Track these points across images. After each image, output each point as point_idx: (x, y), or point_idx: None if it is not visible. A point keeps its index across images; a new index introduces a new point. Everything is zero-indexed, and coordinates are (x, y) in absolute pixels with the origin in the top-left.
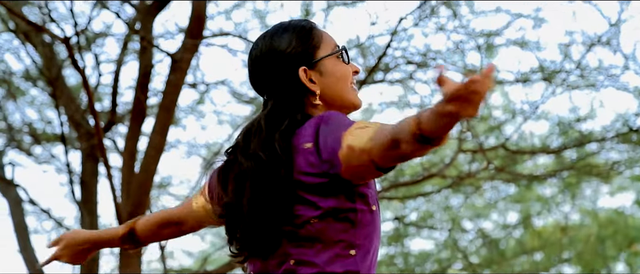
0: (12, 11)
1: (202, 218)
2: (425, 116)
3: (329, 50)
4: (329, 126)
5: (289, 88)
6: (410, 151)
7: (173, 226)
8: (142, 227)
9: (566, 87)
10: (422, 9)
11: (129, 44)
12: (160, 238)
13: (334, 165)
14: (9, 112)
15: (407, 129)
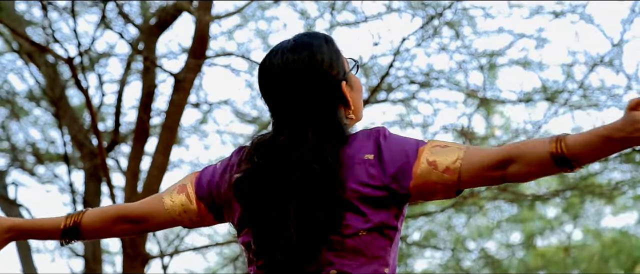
0: (15, 32)
1: (174, 218)
2: (577, 140)
3: (347, 63)
4: (393, 141)
5: (331, 100)
6: (525, 172)
7: (130, 224)
8: (91, 220)
9: (569, 107)
10: (425, 29)
11: (132, 64)
12: (109, 234)
13: (401, 179)
14: (13, 132)
15: (541, 149)
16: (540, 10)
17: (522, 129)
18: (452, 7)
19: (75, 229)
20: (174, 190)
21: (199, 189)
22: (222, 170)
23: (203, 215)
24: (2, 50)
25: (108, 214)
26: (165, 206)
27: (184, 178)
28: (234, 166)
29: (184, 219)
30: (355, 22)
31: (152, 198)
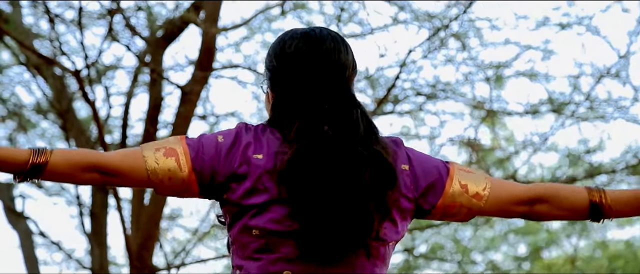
0: (23, 44)
1: (152, 181)
2: (620, 198)
3: None
4: (420, 155)
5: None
6: (554, 214)
7: (101, 174)
8: (58, 162)
9: (575, 119)
10: (431, 41)
11: (139, 76)
12: (74, 180)
13: (429, 195)
14: (20, 144)
15: (580, 197)
16: (547, 22)
17: (529, 141)
18: (459, 19)
19: (38, 168)
20: (158, 151)
21: (196, 161)
22: (228, 147)
23: (189, 186)
24: (10, 63)
25: (79, 160)
26: (148, 166)
27: (167, 141)
28: (251, 146)
29: (164, 185)
30: (362, 34)
31: (131, 153)
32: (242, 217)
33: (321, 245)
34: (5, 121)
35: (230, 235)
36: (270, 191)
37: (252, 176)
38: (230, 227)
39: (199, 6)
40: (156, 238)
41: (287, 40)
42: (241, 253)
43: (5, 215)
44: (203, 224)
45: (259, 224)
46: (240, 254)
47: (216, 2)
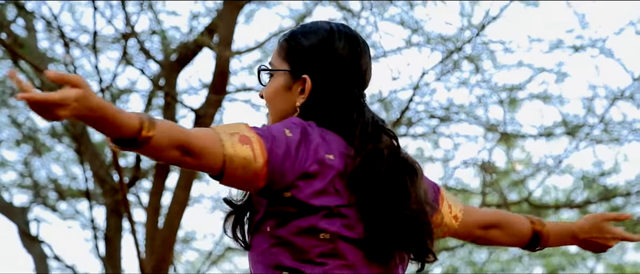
0: (38, 69)
1: (223, 168)
2: (555, 230)
3: None
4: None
5: None
6: (502, 240)
7: (181, 153)
8: (161, 138)
9: (590, 141)
10: (445, 63)
11: (154, 100)
12: (159, 157)
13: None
14: (35, 168)
15: (526, 226)
16: (560, 45)
17: (543, 164)
18: (472, 42)
19: (147, 139)
20: (233, 136)
21: (272, 153)
22: (297, 143)
23: (257, 180)
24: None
25: (174, 137)
26: (226, 152)
27: (237, 126)
28: (322, 145)
29: (235, 175)
30: (375, 57)
31: (209, 134)
32: (305, 217)
33: (389, 251)
34: (21, 145)
35: (272, 234)
36: (342, 195)
37: (324, 176)
38: (278, 226)
39: (213, 30)
40: (170, 261)
41: (339, 38)
42: (294, 255)
43: (20, 239)
44: (217, 247)
45: (330, 228)
46: (293, 256)
47: (230, 25)
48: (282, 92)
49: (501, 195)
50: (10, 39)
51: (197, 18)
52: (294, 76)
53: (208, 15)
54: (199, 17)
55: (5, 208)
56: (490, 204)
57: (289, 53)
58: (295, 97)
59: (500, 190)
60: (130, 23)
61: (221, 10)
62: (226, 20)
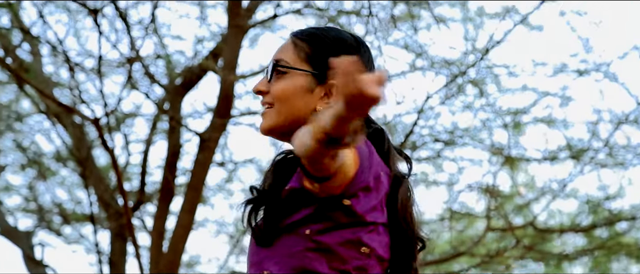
0: (43, 93)
1: (338, 169)
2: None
3: None
4: None
5: None
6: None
7: (334, 157)
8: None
9: (594, 165)
10: (449, 87)
11: (158, 124)
12: (325, 161)
13: None
14: (39, 192)
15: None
16: (564, 69)
17: (548, 188)
18: (476, 66)
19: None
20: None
21: (360, 164)
22: (368, 155)
23: (342, 186)
24: (30, 111)
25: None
26: (342, 154)
27: None
28: (379, 162)
29: (338, 178)
30: None
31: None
32: (354, 229)
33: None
34: (25, 169)
35: (312, 238)
36: (384, 214)
37: (378, 193)
38: (322, 232)
39: (218, 54)
40: None
41: (364, 50)
42: (332, 263)
43: (25, 263)
44: (221, 270)
45: (371, 244)
46: (329, 264)
47: (234, 49)
48: (302, 93)
49: (506, 219)
50: (15, 63)
51: (201, 42)
52: (319, 79)
53: (213, 39)
54: (204, 42)
55: (10, 232)
56: (494, 228)
57: (313, 55)
58: (316, 102)
59: (504, 214)
60: (135, 47)
61: (226, 34)
62: (231, 45)
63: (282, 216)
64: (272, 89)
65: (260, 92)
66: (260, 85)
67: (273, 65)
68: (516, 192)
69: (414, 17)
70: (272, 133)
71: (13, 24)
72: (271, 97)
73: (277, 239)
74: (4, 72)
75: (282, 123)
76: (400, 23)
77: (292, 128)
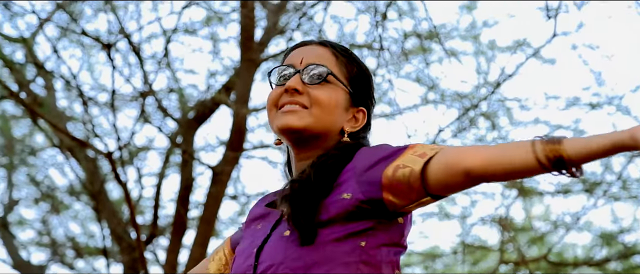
0: (56, 127)
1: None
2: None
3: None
4: None
5: None
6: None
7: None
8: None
9: (608, 198)
10: (461, 120)
11: (171, 157)
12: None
13: None
14: (53, 226)
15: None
16: (577, 102)
17: (561, 221)
18: (488, 99)
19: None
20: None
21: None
22: None
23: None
24: (44, 145)
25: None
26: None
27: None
28: None
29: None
30: (392, 114)
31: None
32: (397, 249)
33: None
34: (39, 203)
35: (366, 252)
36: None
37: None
38: (376, 247)
39: (230, 87)
40: None
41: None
42: (372, 269)
43: None
44: None
45: (399, 267)
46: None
47: (247, 83)
48: (340, 109)
49: (519, 252)
50: (29, 98)
51: (214, 76)
52: (353, 101)
53: (225, 73)
54: (217, 75)
55: (23, 266)
56: (508, 261)
57: (353, 77)
58: (344, 121)
59: (518, 247)
60: (148, 81)
61: (238, 68)
62: (243, 78)
63: (332, 219)
64: (312, 93)
65: (297, 90)
66: (297, 84)
67: (326, 74)
68: (529, 225)
69: (425, 50)
70: (300, 133)
71: (27, 59)
72: (309, 100)
73: (327, 243)
74: (18, 107)
75: (317, 129)
76: (411, 56)
77: (320, 136)
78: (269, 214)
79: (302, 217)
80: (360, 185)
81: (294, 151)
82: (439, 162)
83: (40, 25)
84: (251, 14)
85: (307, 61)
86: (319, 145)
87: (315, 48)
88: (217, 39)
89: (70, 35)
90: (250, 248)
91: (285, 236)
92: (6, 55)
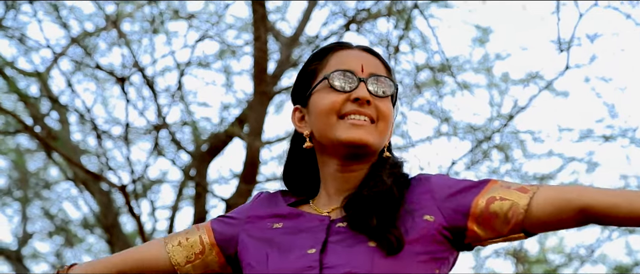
0: (71, 161)
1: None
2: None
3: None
4: None
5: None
6: None
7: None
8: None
9: (623, 231)
10: (474, 152)
11: (184, 190)
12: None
13: None
14: (67, 260)
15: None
16: (590, 134)
17: (576, 253)
18: (501, 131)
19: None
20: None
21: None
22: None
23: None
24: (58, 179)
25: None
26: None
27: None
28: None
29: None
30: (404, 146)
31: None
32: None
33: None
34: (53, 237)
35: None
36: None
37: None
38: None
39: (243, 120)
40: None
41: None
42: None
43: None
44: None
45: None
46: None
47: (260, 116)
48: (392, 125)
49: None
50: (44, 132)
51: (227, 109)
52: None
53: (238, 106)
54: (230, 108)
55: None
56: None
57: (394, 89)
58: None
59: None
60: (162, 114)
61: (251, 101)
62: (256, 111)
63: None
64: (380, 106)
65: (368, 102)
66: (368, 94)
67: (394, 88)
68: (543, 257)
69: (438, 83)
70: (367, 148)
71: (42, 93)
72: (376, 113)
73: (409, 260)
74: (33, 141)
75: (380, 145)
76: (424, 89)
77: (376, 151)
78: (300, 216)
79: (392, 230)
80: (443, 211)
81: (339, 162)
82: (549, 197)
83: (55, 60)
84: (264, 47)
85: (369, 71)
86: (370, 159)
87: (368, 57)
88: (231, 72)
89: (85, 69)
90: (301, 248)
91: (368, 246)
92: (21, 89)
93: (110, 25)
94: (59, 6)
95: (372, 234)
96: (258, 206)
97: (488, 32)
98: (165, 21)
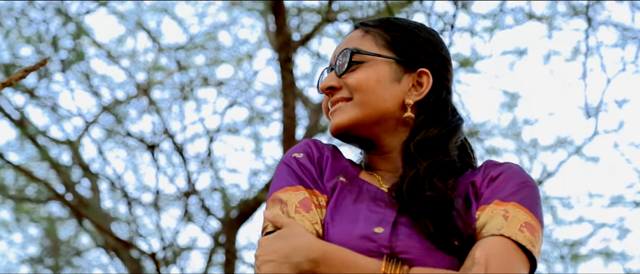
0: (101, 228)
1: None
2: None
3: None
4: None
5: None
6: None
7: None
8: None
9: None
10: None
11: (214, 256)
12: None
13: None
14: None
15: None
16: (621, 200)
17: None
18: None
19: None
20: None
21: None
22: None
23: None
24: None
25: None
26: None
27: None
28: None
29: None
30: None
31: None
32: None
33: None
34: None
35: None
36: None
37: None
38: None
39: None
40: None
41: (441, 40)
42: None
43: None
44: None
45: None
46: None
47: None
48: (388, 83)
49: None
50: (75, 199)
51: (256, 175)
52: (407, 67)
53: (267, 171)
54: (259, 174)
55: None
56: None
57: (397, 42)
58: (404, 93)
59: None
60: (192, 181)
61: None
62: None
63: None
64: (348, 82)
65: (331, 88)
66: (330, 80)
67: (350, 54)
68: None
69: None
70: (352, 129)
71: (73, 161)
72: (348, 90)
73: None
74: (65, 209)
75: (367, 116)
76: None
77: (378, 122)
78: (364, 184)
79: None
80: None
81: (364, 153)
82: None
83: (86, 128)
84: (292, 113)
85: (339, 52)
86: (382, 131)
87: (348, 37)
88: (260, 138)
89: (115, 137)
90: (367, 223)
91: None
92: (53, 157)
93: (141, 93)
94: (91, 75)
95: (432, 238)
96: (335, 160)
97: (516, 98)
98: (195, 88)
